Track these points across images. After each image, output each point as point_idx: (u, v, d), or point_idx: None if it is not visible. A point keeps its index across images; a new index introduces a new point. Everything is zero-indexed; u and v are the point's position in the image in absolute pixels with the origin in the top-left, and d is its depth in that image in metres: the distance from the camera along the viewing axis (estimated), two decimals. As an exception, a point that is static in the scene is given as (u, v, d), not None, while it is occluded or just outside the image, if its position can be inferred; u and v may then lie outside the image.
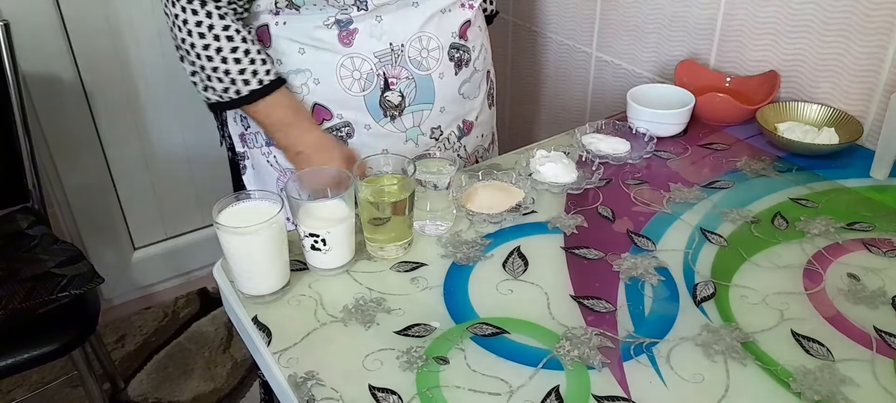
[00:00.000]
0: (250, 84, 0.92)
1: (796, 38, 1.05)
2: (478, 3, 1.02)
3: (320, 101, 0.97)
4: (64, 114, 1.65)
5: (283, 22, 0.93)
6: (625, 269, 0.75)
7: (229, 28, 0.90)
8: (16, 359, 1.13)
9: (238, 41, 0.90)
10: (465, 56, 1.01)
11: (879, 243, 0.79)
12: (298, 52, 0.94)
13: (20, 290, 1.17)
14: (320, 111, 0.97)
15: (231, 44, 0.90)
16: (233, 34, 0.90)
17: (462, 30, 0.99)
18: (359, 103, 0.96)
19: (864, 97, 1.00)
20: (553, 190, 0.91)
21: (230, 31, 0.90)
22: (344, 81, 0.94)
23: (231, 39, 0.90)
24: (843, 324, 0.67)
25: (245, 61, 0.91)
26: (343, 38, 0.92)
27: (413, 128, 1.00)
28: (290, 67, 0.95)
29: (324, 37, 0.92)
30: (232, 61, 0.90)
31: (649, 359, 0.63)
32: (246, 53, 0.91)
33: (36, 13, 1.52)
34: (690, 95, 1.05)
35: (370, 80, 0.94)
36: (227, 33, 0.89)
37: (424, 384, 0.62)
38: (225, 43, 0.90)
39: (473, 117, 1.08)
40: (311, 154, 0.96)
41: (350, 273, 0.77)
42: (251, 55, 0.91)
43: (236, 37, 0.90)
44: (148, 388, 1.65)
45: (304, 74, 0.95)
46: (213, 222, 0.69)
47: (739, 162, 0.97)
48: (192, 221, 1.98)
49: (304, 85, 0.96)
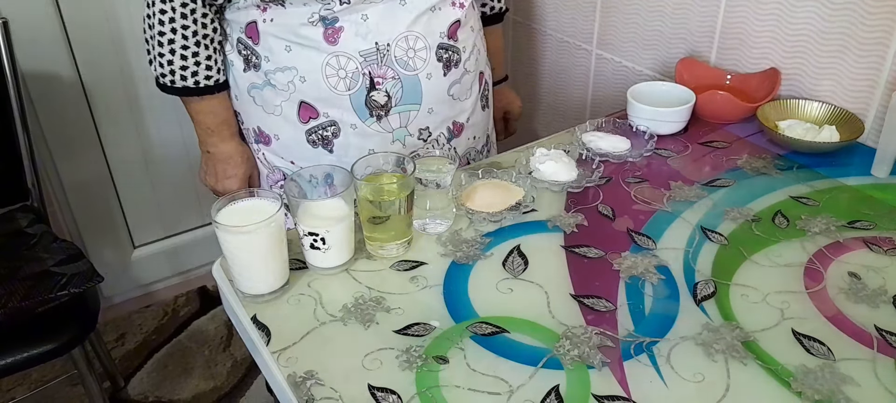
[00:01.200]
0: (187, 81, 0.99)
1: (797, 35, 1.05)
2: (469, 2, 1.01)
3: (306, 100, 0.97)
4: (63, 112, 1.65)
5: (270, 18, 0.94)
6: (625, 268, 0.75)
7: (187, 28, 0.95)
8: (15, 358, 1.13)
9: (191, 42, 0.96)
10: (454, 57, 1.00)
11: (880, 241, 0.78)
12: (285, 49, 0.94)
13: (19, 289, 1.17)
14: (306, 109, 0.97)
15: (183, 41, 0.96)
16: (188, 34, 0.95)
17: (451, 30, 0.98)
18: (344, 102, 0.96)
19: (865, 95, 0.99)
20: (553, 188, 0.90)
21: (187, 31, 0.95)
22: (329, 80, 0.94)
23: (185, 38, 0.96)
24: (844, 323, 0.67)
25: (190, 60, 0.97)
26: (328, 37, 0.92)
27: (400, 129, 1.00)
28: (277, 65, 0.96)
29: (309, 34, 0.92)
30: (179, 56, 0.97)
31: (649, 359, 0.63)
32: (194, 55, 0.97)
33: (35, 11, 1.52)
34: (691, 93, 1.05)
35: (355, 80, 0.94)
36: (183, 31, 0.95)
37: (424, 383, 0.61)
38: (179, 38, 0.96)
39: (464, 119, 1.07)
40: (217, 161, 1.07)
41: (349, 272, 0.76)
42: (198, 58, 0.97)
43: (190, 37, 0.96)
44: (148, 387, 1.65)
45: (291, 72, 0.95)
46: (211, 221, 0.69)
47: (740, 160, 0.97)
48: (192, 219, 1.97)
49: (291, 83, 0.96)
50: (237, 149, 1.07)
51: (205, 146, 1.07)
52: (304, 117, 0.98)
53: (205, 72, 0.99)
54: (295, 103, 0.97)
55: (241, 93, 1.02)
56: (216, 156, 1.07)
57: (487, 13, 1.20)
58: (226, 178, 1.08)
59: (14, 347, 1.14)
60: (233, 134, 1.07)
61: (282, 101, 0.98)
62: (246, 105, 1.03)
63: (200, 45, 0.97)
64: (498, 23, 1.22)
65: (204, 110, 1.03)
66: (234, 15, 0.97)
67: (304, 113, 0.98)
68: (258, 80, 0.99)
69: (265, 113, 1.01)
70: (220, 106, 1.03)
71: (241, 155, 1.08)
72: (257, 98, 1.00)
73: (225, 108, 1.04)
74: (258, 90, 0.99)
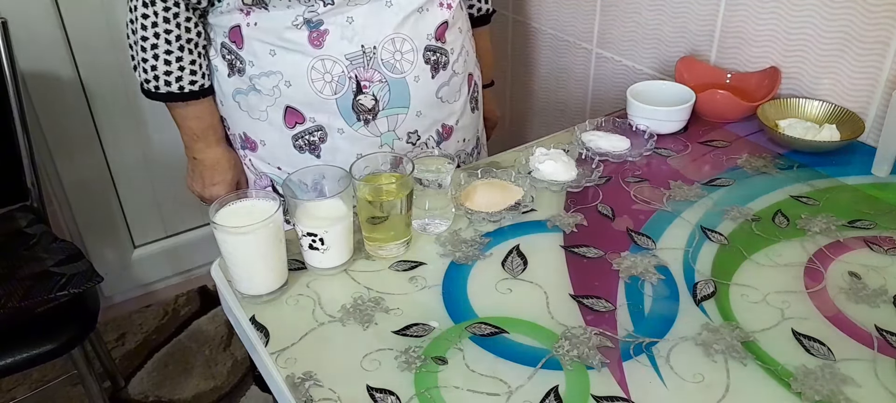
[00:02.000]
0: (171, 86, 0.97)
1: (797, 33, 1.05)
2: (456, 3, 1.00)
3: (292, 104, 0.95)
4: (63, 112, 1.64)
5: (254, 22, 0.92)
6: (624, 268, 0.75)
7: (170, 33, 0.94)
8: (15, 358, 1.13)
9: (174, 46, 0.94)
10: (442, 59, 0.98)
11: (881, 241, 0.78)
12: (269, 53, 0.93)
13: (19, 289, 1.17)
14: (292, 114, 0.96)
15: (167, 46, 0.94)
16: (172, 39, 0.94)
17: (439, 31, 0.97)
18: (331, 106, 0.95)
19: (865, 93, 0.99)
20: (552, 188, 0.90)
21: (170, 36, 0.93)
22: (315, 84, 0.93)
23: (169, 43, 0.94)
24: (844, 323, 0.66)
25: (174, 65, 0.95)
26: (313, 40, 0.91)
27: (388, 133, 0.99)
28: (261, 69, 0.94)
29: (294, 38, 0.91)
30: (162, 61, 0.95)
31: (649, 359, 0.63)
32: (178, 60, 0.95)
33: (34, 11, 1.52)
34: (691, 92, 1.04)
35: (342, 83, 0.93)
36: (166, 36, 0.93)
37: (423, 384, 0.61)
38: (162, 43, 0.94)
39: (453, 122, 1.06)
40: (203, 167, 1.06)
41: (348, 272, 0.76)
42: (182, 63, 0.96)
43: (174, 42, 0.94)
44: (148, 386, 1.65)
45: (276, 77, 0.94)
46: (210, 221, 0.69)
47: (740, 159, 0.96)
48: (192, 219, 1.97)
49: (276, 87, 0.94)
50: (224, 155, 1.06)
51: (191, 152, 1.06)
52: (291, 122, 0.97)
53: (189, 77, 0.97)
54: (280, 108, 0.96)
55: (226, 98, 1.01)
56: (202, 162, 1.06)
57: (474, 15, 1.18)
58: (212, 185, 1.07)
59: (14, 347, 1.14)
60: (219, 139, 1.05)
61: (267, 107, 0.97)
62: (231, 110, 1.02)
63: (184, 50, 0.95)
64: (485, 24, 1.21)
65: (189, 116, 1.01)
66: (218, 19, 0.95)
67: (290, 118, 0.96)
68: (243, 85, 0.97)
69: (251, 118, 0.99)
70: (206, 111, 1.02)
71: (227, 161, 1.06)
72: (242, 103, 0.99)
73: (210, 114, 1.02)
74: (243, 95, 0.98)
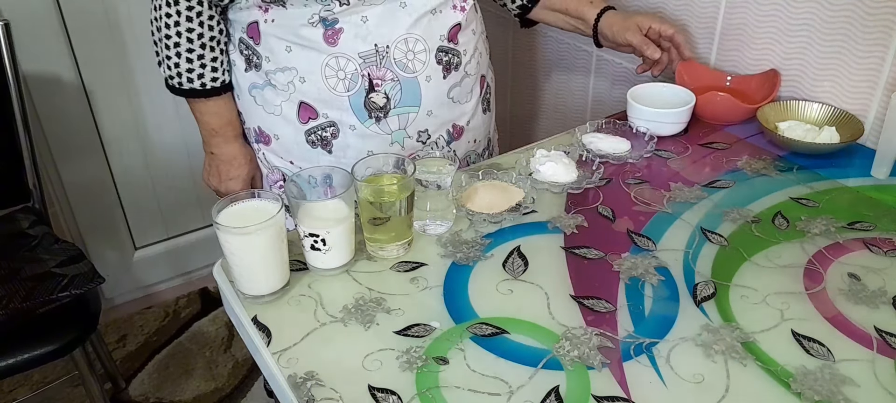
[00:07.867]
0: (193, 83, 1.00)
1: (797, 36, 1.05)
2: (470, 5, 1.02)
3: (306, 100, 0.97)
4: (64, 114, 1.65)
5: (271, 19, 0.94)
6: (625, 269, 0.75)
7: (193, 31, 0.95)
8: (17, 359, 1.14)
9: (196, 45, 0.97)
10: (454, 60, 1.00)
11: (880, 242, 0.78)
12: (285, 50, 0.95)
13: (21, 290, 1.17)
14: (306, 110, 0.98)
15: (189, 44, 0.96)
16: (194, 37, 0.96)
17: (451, 33, 0.99)
18: (343, 103, 0.96)
19: (865, 96, 0.99)
20: (553, 189, 0.90)
21: (192, 35, 0.96)
22: (329, 81, 0.95)
23: (191, 41, 0.96)
24: (844, 324, 0.67)
25: (195, 63, 0.98)
26: (328, 38, 0.92)
27: (399, 131, 1.00)
28: (277, 65, 0.96)
29: (309, 35, 0.93)
30: (184, 59, 0.97)
31: (649, 359, 0.63)
32: (199, 58, 0.98)
33: (36, 12, 1.52)
34: (691, 94, 1.05)
35: (354, 81, 0.95)
36: (188, 35, 0.96)
37: (424, 384, 0.61)
38: (184, 42, 0.96)
39: (464, 122, 1.07)
40: (220, 162, 1.08)
41: (350, 273, 0.77)
42: (203, 60, 0.98)
43: (196, 40, 0.96)
44: (149, 388, 1.66)
45: (291, 72, 0.96)
46: (212, 222, 0.69)
47: (740, 161, 0.97)
48: (193, 221, 1.98)
49: (291, 83, 0.96)
50: (240, 151, 1.08)
51: (208, 147, 1.08)
52: (304, 118, 0.99)
53: (210, 74, 0.99)
54: (295, 103, 0.98)
55: (243, 92, 1.03)
56: (219, 157, 1.08)
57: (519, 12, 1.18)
58: (229, 179, 1.09)
59: (15, 348, 1.14)
60: (236, 135, 1.07)
61: (282, 101, 0.98)
62: (247, 104, 1.03)
63: (206, 48, 0.97)
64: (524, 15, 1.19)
65: (208, 111, 1.04)
66: (237, 15, 0.98)
67: (304, 113, 0.98)
68: (259, 80, 0.99)
69: (266, 113, 1.01)
70: (225, 107, 1.04)
71: (244, 156, 1.08)
72: (258, 98, 1.01)
73: (229, 110, 1.05)
74: (259, 90, 1.00)
